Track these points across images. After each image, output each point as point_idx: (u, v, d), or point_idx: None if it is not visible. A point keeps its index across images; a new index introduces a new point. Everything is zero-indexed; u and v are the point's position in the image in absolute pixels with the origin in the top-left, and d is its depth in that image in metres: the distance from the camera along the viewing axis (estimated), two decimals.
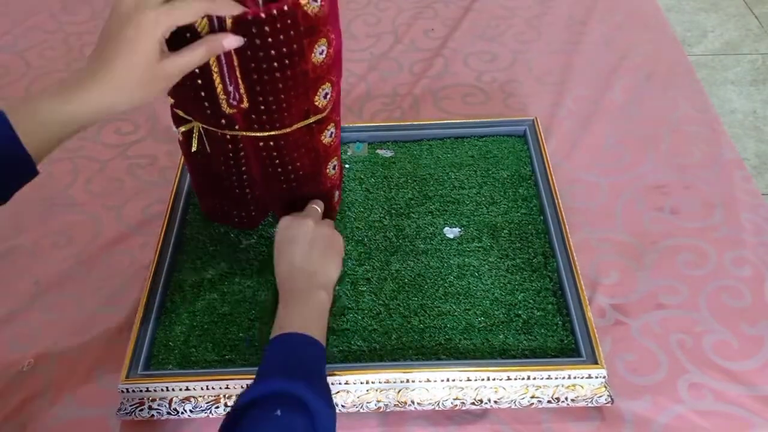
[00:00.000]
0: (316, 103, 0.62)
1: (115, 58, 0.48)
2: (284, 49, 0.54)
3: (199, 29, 0.52)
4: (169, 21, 0.48)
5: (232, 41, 0.53)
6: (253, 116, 0.60)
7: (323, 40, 0.57)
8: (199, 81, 0.57)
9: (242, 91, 0.58)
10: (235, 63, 0.55)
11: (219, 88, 0.57)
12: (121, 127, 0.97)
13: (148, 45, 0.48)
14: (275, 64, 0.55)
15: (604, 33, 1.12)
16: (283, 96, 0.58)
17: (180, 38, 0.53)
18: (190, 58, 0.51)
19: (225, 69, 0.56)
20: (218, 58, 0.55)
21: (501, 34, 1.12)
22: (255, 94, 0.58)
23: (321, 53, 0.57)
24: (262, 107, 0.59)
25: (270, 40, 0.53)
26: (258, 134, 0.62)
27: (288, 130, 0.62)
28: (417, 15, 1.17)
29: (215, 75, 0.56)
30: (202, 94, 0.58)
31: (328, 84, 0.61)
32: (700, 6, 2.02)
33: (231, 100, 0.59)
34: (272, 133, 0.62)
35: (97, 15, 1.20)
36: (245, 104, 0.59)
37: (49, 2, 1.22)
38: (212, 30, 0.53)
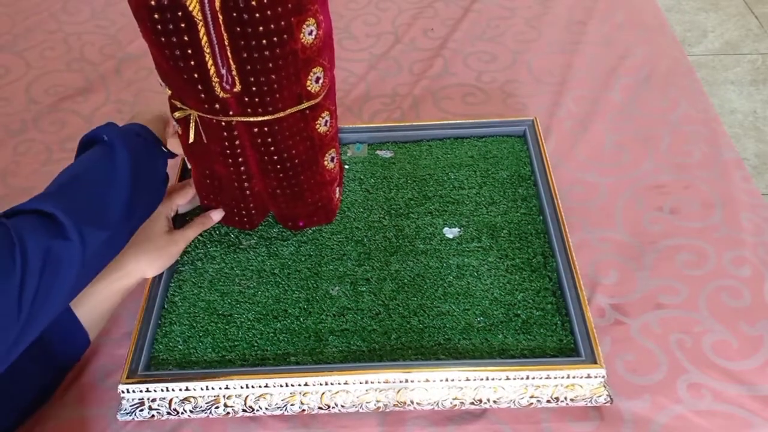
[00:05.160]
0: (309, 88, 0.62)
1: (140, 234, 0.68)
2: (272, 26, 0.55)
3: (188, 6, 0.53)
4: (170, 206, 0.73)
5: (216, 215, 0.75)
6: (246, 99, 0.61)
7: (312, 20, 0.58)
8: (192, 62, 0.57)
9: (234, 73, 0.59)
10: (226, 42, 0.56)
11: (212, 70, 0.58)
12: None
13: (159, 222, 0.71)
14: (264, 41, 0.56)
15: (604, 33, 1.12)
16: (274, 77, 0.59)
17: (172, 17, 0.54)
18: (190, 230, 0.73)
19: (216, 49, 0.57)
20: (209, 35, 0.56)
21: (501, 34, 1.12)
22: (246, 75, 0.59)
23: (310, 33, 0.58)
24: (254, 89, 0.60)
25: (257, 15, 0.54)
26: (252, 119, 0.63)
27: (281, 114, 0.63)
28: (417, 15, 1.17)
29: (207, 56, 0.57)
30: (195, 76, 0.59)
31: (319, 68, 0.62)
32: (700, 6, 2.02)
33: (224, 84, 0.60)
34: (266, 117, 0.63)
35: (97, 15, 1.20)
36: (238, 87, 0.60)
37: (49, 2, 1.22)
38: (202, 8, 0.54)
